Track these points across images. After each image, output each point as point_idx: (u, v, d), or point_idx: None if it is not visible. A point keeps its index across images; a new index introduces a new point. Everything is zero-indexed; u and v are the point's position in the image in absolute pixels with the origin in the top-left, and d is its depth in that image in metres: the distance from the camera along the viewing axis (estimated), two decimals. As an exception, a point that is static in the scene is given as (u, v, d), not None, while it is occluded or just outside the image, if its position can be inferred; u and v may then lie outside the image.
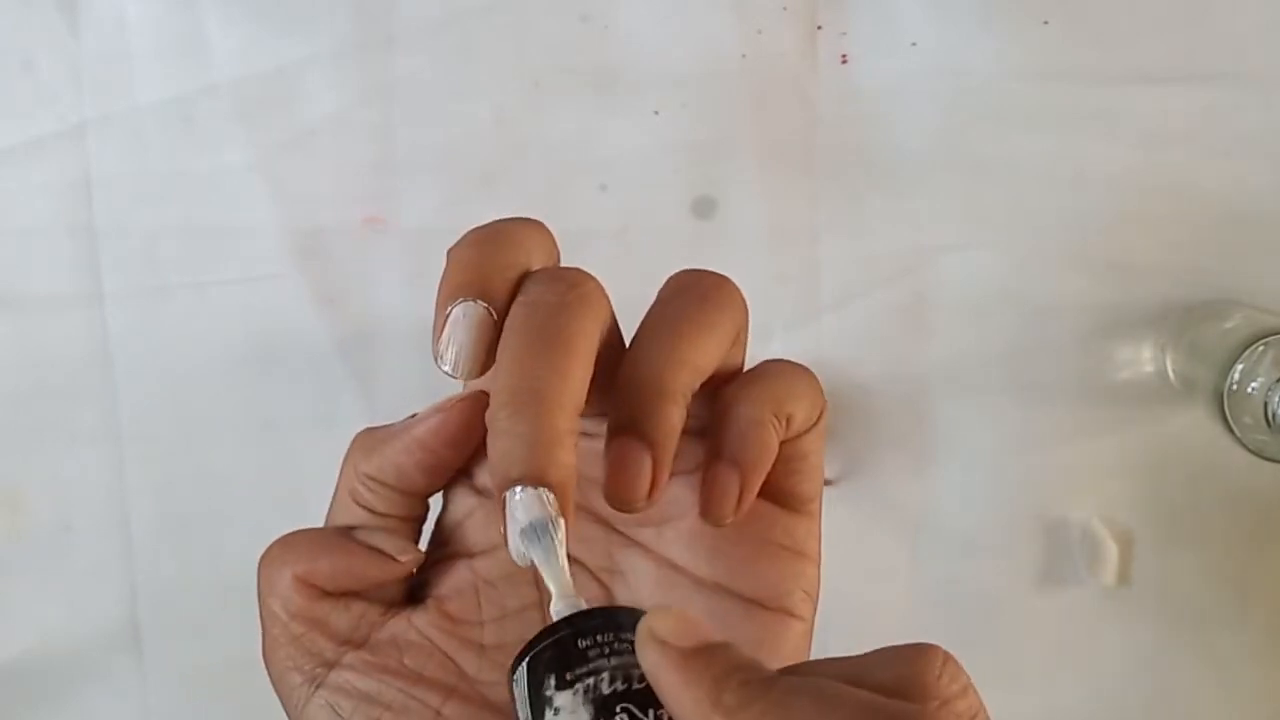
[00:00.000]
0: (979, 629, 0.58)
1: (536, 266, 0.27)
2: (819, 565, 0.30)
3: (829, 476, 0.57)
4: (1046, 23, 0.54)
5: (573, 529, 0.24)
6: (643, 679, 0.22)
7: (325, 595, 0.29)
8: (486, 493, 0.30)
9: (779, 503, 0.29)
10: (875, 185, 0.56)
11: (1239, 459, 0.49)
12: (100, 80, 0.57)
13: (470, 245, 0.27)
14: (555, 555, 0.24)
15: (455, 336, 0.25)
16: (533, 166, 0.57)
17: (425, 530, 0.32)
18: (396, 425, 0.30)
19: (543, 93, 0.56)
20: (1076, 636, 0.57)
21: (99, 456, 0.59)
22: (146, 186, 0.58)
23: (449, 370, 0.26)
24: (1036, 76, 0.55)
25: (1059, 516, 0.57)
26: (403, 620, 0.30)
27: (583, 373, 0.25)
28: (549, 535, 0.24)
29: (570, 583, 0.24)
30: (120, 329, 0.59)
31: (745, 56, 0.56)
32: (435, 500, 0.32)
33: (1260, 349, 0.47)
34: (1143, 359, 0.56)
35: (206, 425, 0.59)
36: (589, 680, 0.22)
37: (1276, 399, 0.46)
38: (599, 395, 0.26)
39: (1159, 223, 0.55)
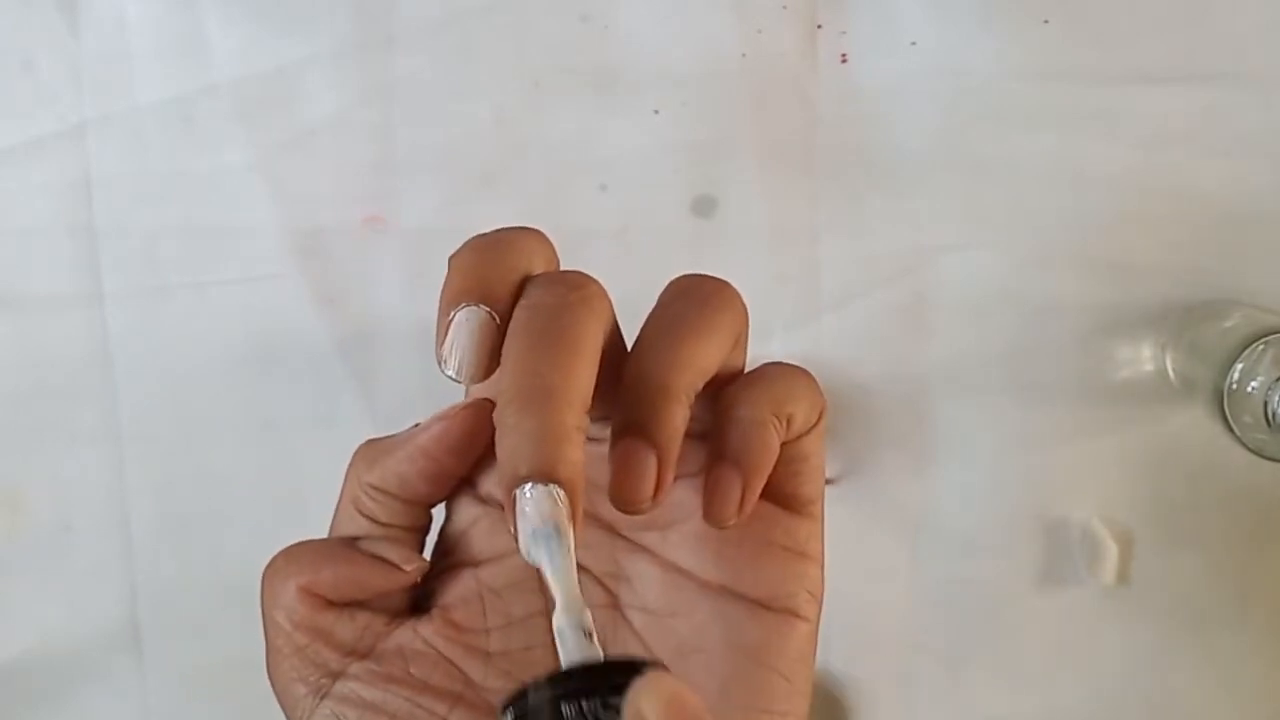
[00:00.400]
0: (979, 629, 0.58)
1: (538, 271, 0.27)
2: (822, 567, 0.30)
3: (829, 476, 0.57)
4: (1046, 22, 0.54)
5: (581, 529, 0.24)
6: None
7: (330, 606, 0.29)
8: (491, 501, 0.30)
9: (781, 504, 0.29)
10: (875, 185, 0.56)
11: (1239, 458, 0.49)
12: (100, 80, 0.57)
13: (472, 252, 0.27)
14: (562, 564, 0.24)
15: (458, 341, 0.26)
16: (533, 166, 0.57)
17: (429, 541, 0.33)
18: (400, 435, 0.30)
19: (543, 93, 0.56)
20: (1076, 636, 0.57)
21: (99, 456, 0.59)
22: (146, 186, 0.58)
23: (453, 375, 0.26)
24: (1036, 76, 0.55)
25: (1059, 516, 0.57)
26: (408, 630, 0.30)
27: (588, 370, 0.25)
28: (557, 543, 0.23)
29: (577, 594, 0.24)
30: (120, 329, 0.59)
31: (745, 56, 0.56)
32: (438, 511, 0.32)
33: (1260, 348, 0.47)
34: (1143, 359, 0.56)
35: (206, 425, 0.59)
36: None
37: (1276, 398, 0.46)
38: (602, 399, 0.26)
39: (1159, 223, 0.55)
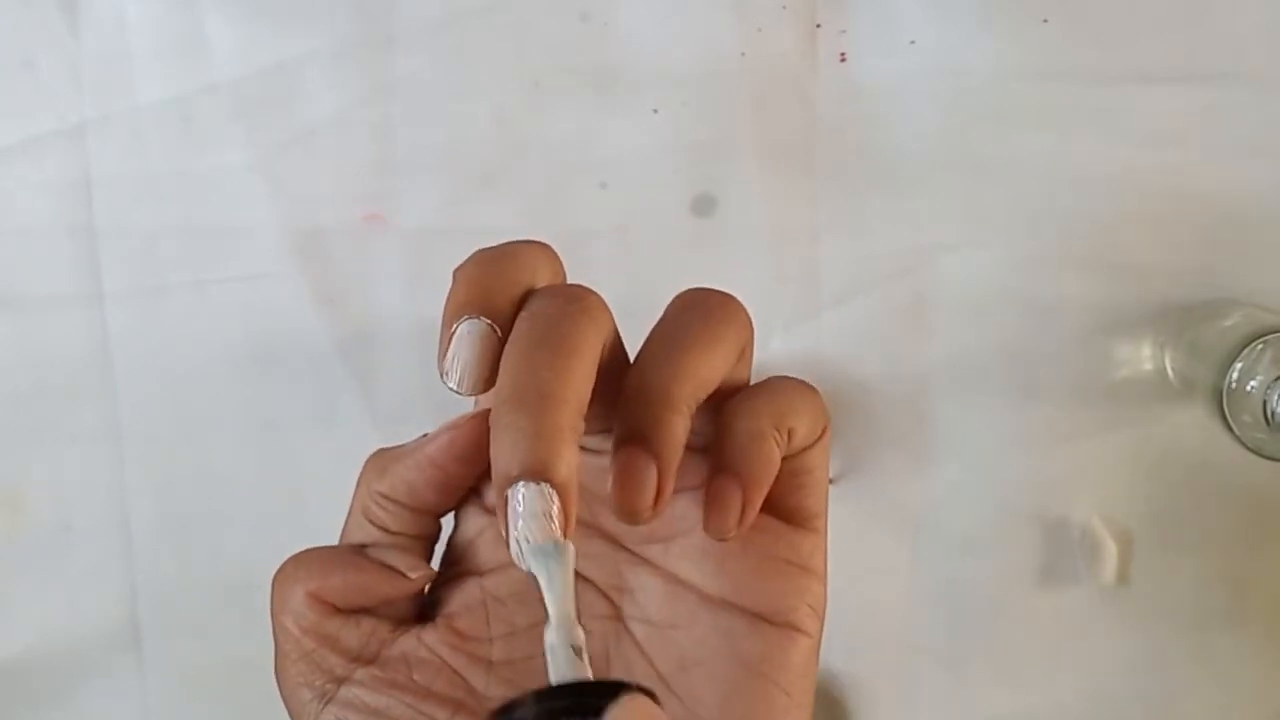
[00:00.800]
0: (979, 629, 0.58)
1: (541, 284, 0.27)
2: (825, 582, 0.30)
3: (829, 476, 0.57)
4: (1046, 22, 0.54)
5: (574, 535, 0.24)
6: None
7: (337, 612, 0.29)
8: (494, 514, 0.30)
9: (784, 518, 0.29)
10: (875, 185, 0.56)
11: (1238, 458, 0.49)
12: (100, 80, 0.57)
13: (476, 265, 0.27)
14: (559, 580, 0.24)
15: (460, 353, 0.26)
16: (533, 166, 0.57)
17: (438, 551, 0.33)
18: (409, 444, 0.30)
19: (543, 92, 0.56)
20: (1076, 636, 0.57)
21: (99, 456, 0.59)
22: (146, 186, 0.58)
23: (454, 387, 0.26)
24: (1036, 76, 0.55)
25: (1059, 516, 0.57)
26: (412, 637, 0.30)
27: (585, 374, 0.25)
28: (555, 560, 0.23)
29: (570, 611, 0.24)
30: (120, 329, 0.59)
31: (745, 56, 0.56)
32: (447, 521, 0.32)
33: (1259, 347, 0.47)
34: (1142, 358, 0.56)
35: (206, 425, 0.59)
36: None
37: (1275, 397, 0.46)
38: (603, 411, 0.27)
39: (1159, 223, 0.55)
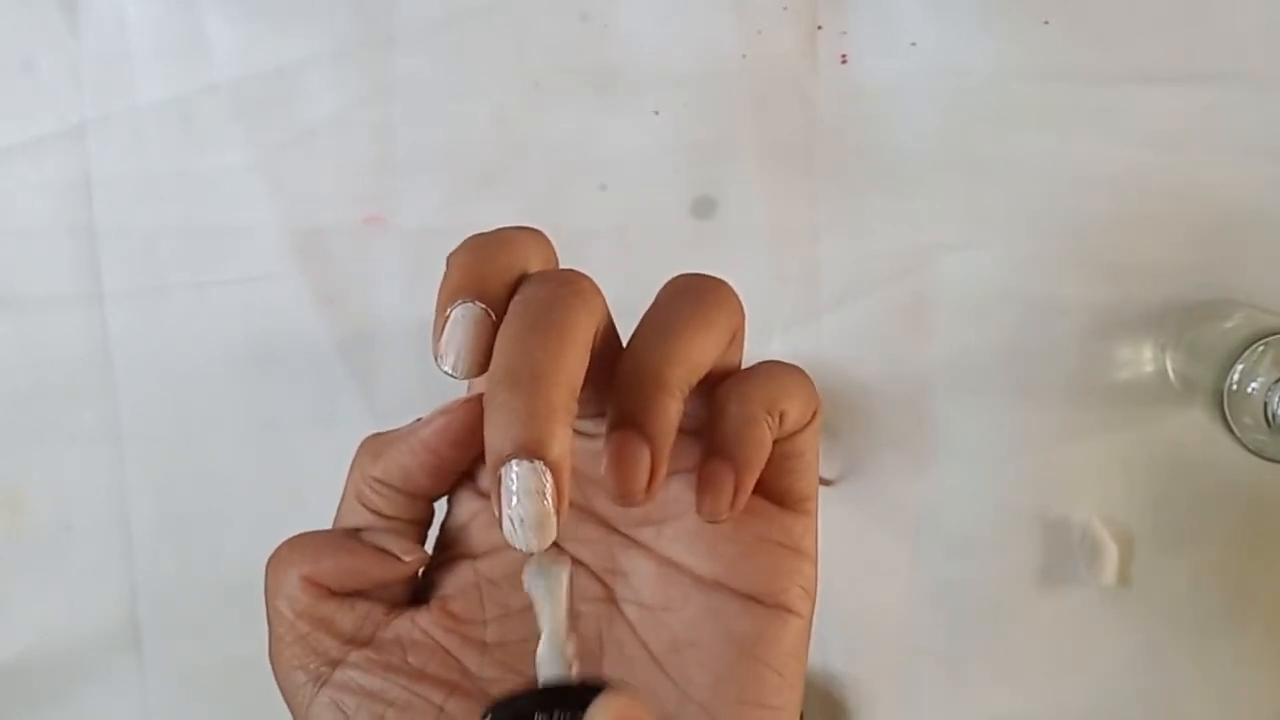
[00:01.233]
0: (979, 629, 0.58)
1: (534, 270, 0.28)
2: (816, 564, 0.30)
3: (829, 476, 0.57)
4: (1046, 23, 0.54)
5: (567, 518, 0.25)
6: None
7: (331, 595, 0.29)
8: (487, 498, 0.30)
9: (776, 501, 0.30)
10: (875, 185, 0.56)
11: (1239, 459, 0.49)
12: (100, 80, 0.57)
13: (469, 250, 0.27)
14: (553, 596, 0.24)
15: (454, 337, 0.26)
16: (533, 166, 0.57)
17: (431, 535, 0.33)
18: (403, 429, 0.30)
19: (543, 93, 0.56)
20: (1076, 636, 0.57)
21: (99, 456, 0.59)
22: (146, 186, 0.58)
23: (449, 370, 0.26)
24: (1036, 76, 0.55)
25: (1059, 516, 0.57)
26: (406, 620, 0.30)
27: (578, 356, 0.25)
28: (553, 576, 0.24)
29: (563, 623, 0.24)
30: (120, 329, 0.59)
31: (745, 56, 0.56)
32: (441, 506, 0.33)
33: (1260, 349, 0.47)
34: (1143, 359, 0.56)
35: (206, 425, 0.59)
36: None
37: (1276, 399, 0.46)
38: (596, 395, 0.27)
39: (1159, 223, 0.55)
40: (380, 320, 0.58)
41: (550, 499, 0.24)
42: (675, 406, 0.26)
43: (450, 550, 0.31)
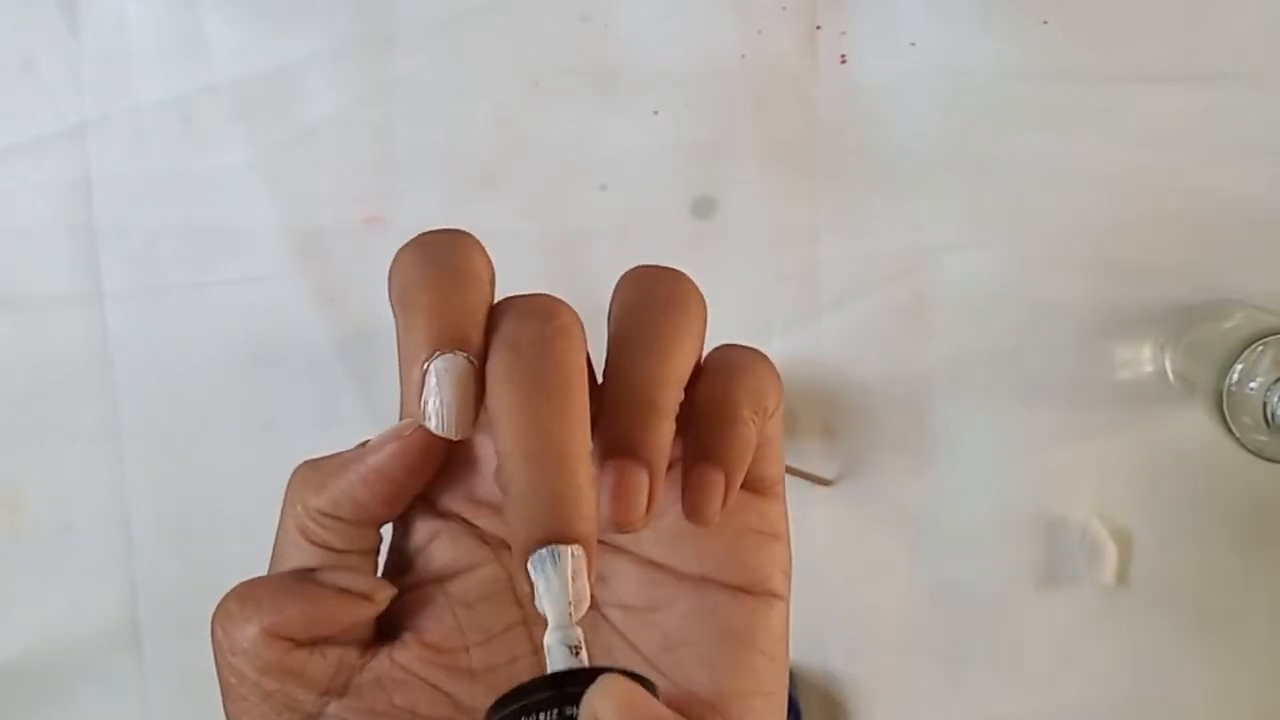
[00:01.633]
0: (979, 629, 0.58)
1: (488, 289, 0.26)
2: (789, 544, 0.30)
3: (829, 476, 0.57)
4: (1046, 23, 0.54)
5: (595, 572, 0.24)
6: None
7: (297, 646, 0.27)
8: (450, 515, 0.29)
9: (750, 489, 0.29)
10: (875, 185, 0.56)
11: (1238, 459, 0.49)
12: (100, 80, 0.57)
13: (430, 288, 0.25)
14: (556, 585, 0.23)
15: (441, 394, 0.24)
16: (533, 166, 0.57)
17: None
18: (347, 454, 0.28)
19: (543, 93, 0.56)
20: (1076, 636, 0.57)
21: (99, 456, 0.59)
22: (146, 186, 0.58)
23: (437, 430, 0.25)
24: (1036, 76, 0.55)
25: (1059, 516, 0.57)
26: (384, 659, 0.28)
27: (585, 413, 0.24)
28: (552, 565, 0.23)
29: (567, 615, 0.23)
30: (120, 329, 0.59)
31: (745, 56, 0.56)
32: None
33: (1260, 349, 0.47)
34: (1143, 359, 0.56)
35: (206, 425, 0.59)
36: None
37: (1275, 399, 0.46)
38: None
39: (1159, 223, 0.55)
40: (380, 320, 0.58)
41: (582, 574, 0.23)
42: (669, 427, 0.26)
43: (410, 576, 0.29)
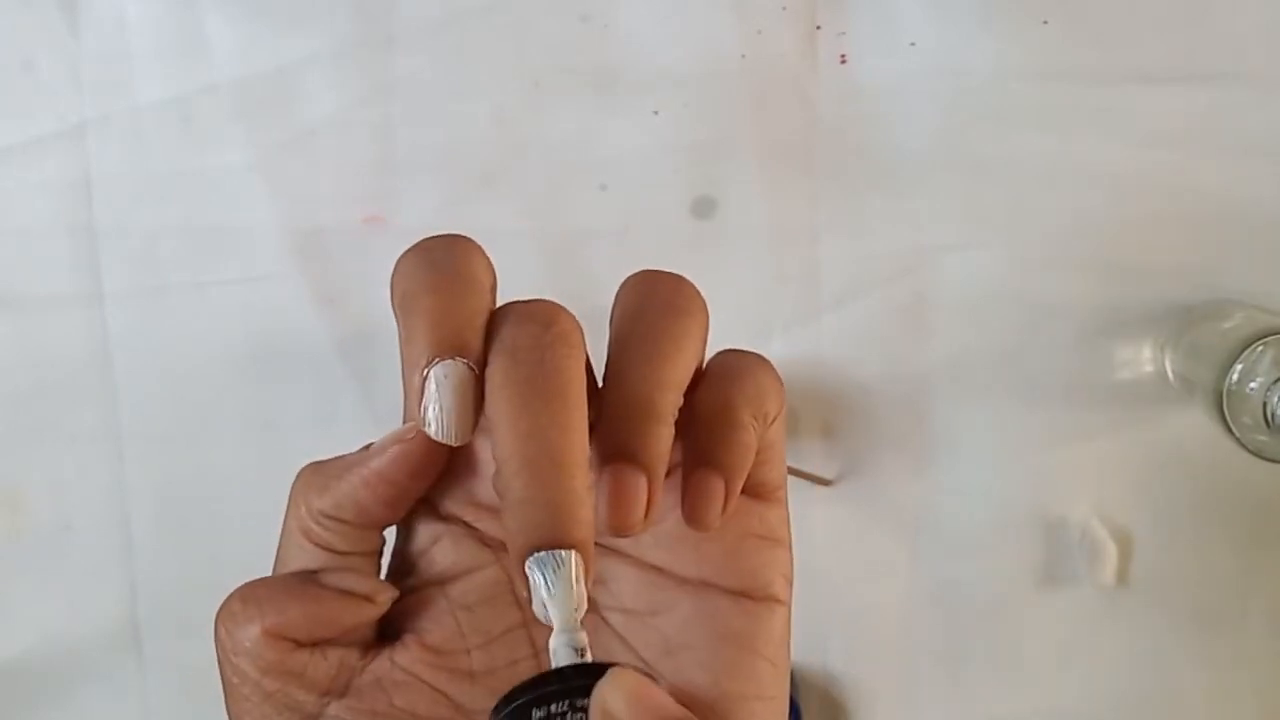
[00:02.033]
0: (979, 629, 0.58)
1: (490, 297, 0.26)
2: (791, 549, 0.30)
3: (829, 476, 0.57)
4: (1046, 23, 0.54)
5: (593, 577, 0.24)
6: None
7: (299, 646, 0.28)
8: (452, 518, 0.29)
9: (752, 494, 0.29)
10: (875, 185, 0.56)
11: (1238, 459, 0.49)
12: (100, 80, 0.57)
13: (431, 293, 0.26)
14: (560, 590, 0.23)
15: (442, 401, 0.25)
16: (533, 166, 0.57)
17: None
18: (350, 457, 0.28)
19: (543, 93, 0.56)
20: (1076, 636, 0.57)
21: (99, 456, 0.59)
22: (146, 186, 0.58)
23: (436, 436, 0.25)
24: (1036, 76, 0.55)
25: (1059, 516, 0.57)
26: (384, 660, 0.28)
27: (583, 419, 0.25)
28: (555, 570, 0.23)
29: (572, 618, 0.24)
30: (120, 329, 0.59)
31: (745, 56, 0.56)
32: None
33: (1260, 349, 0.47)
34: (1143, 359, 0.56)
35: (206, 425, 0.59)
36: None
37: (1275, 399, 0.46)
38: None
39: (1159, 223, 0.55)
40: (380, 320, 0.58)
41: (580, 580, 0.24)
42: (668, 433, 0.26)
43: (412, 578, 0.30)
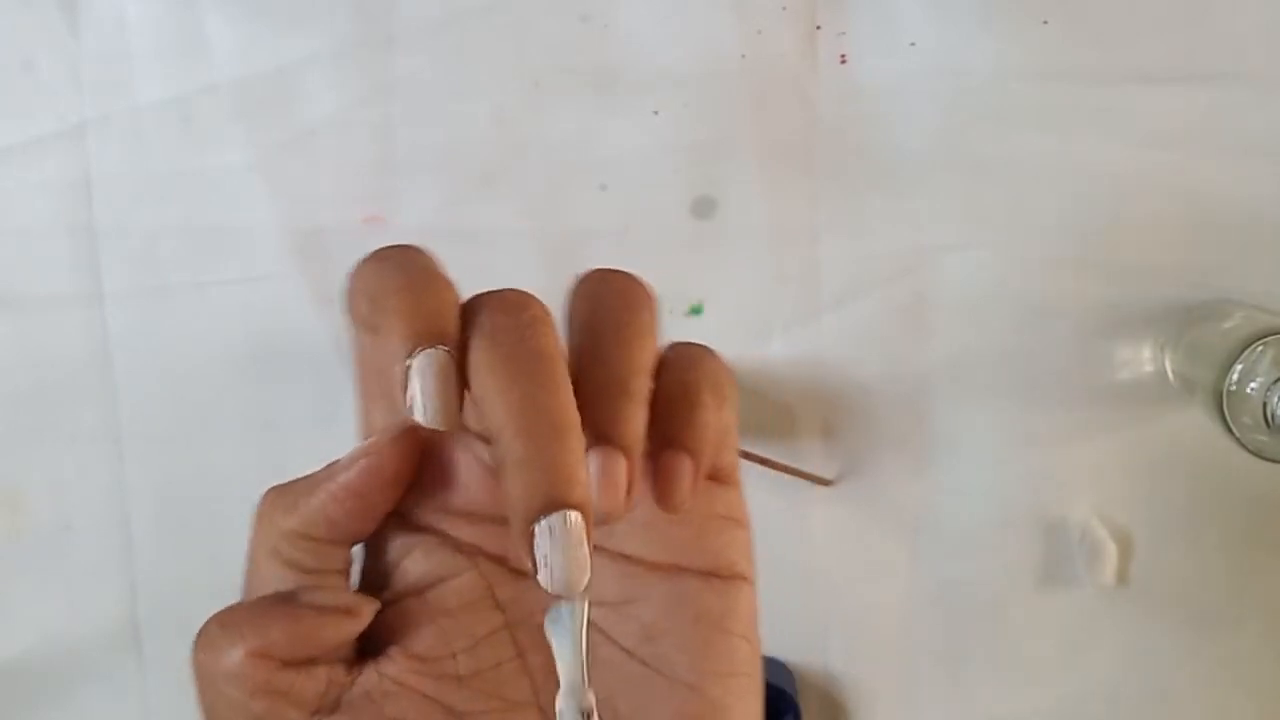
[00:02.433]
0: (979, 629, 0.58)
1: (456, 291, 0.27)
2: (749, 529, 0.30)
3: (829, 476, 0.57)
4: (1046, 23, 0.54)
5: (593, 543, 0.24)
6: None
7: (285, 666, 0.28)
8: (424, 528, 0.30)
9: (710, 477, 0.30)
10: (875, 185, 0.56)
11: (1238, 459, 0.49)
12: (100, 80, 0.57)
13: (402, 291, 0.26)
14: (570, 644, 0.24)
15: (425, 387, 0.25)
16: (533, 166, 0.57)
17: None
18: (316, 475, 0.28)
19: (543, 93, 0.56)
20: (1076, 636, 0.57)
21: (99, 456, 0.59)
22: (146, 186, 0.58)
23: (425, 421, 0.25)
24: (1036, 76, 0.55)
25: (1059, 516, 0.57)
26: (371, 673, 0.29)
27: (570, 389, 0.25)
28: (566, 623, 0.24)
29: (581, 676, 0.24)
30: (120, 329, 0.59)
31: (745, 56, 0.56)
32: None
33: (1260, 349, 0.47)
34: (1143, 359, 0.56)
35: (206, 425, 0.59)
36: None
37: (1275, 399, 0.46)
38: None
39: (1159, 223, 0.55)
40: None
41: (586, 543, 0.24)
42: (644, 413, 0.26)
43: (388, 590, 0.30)
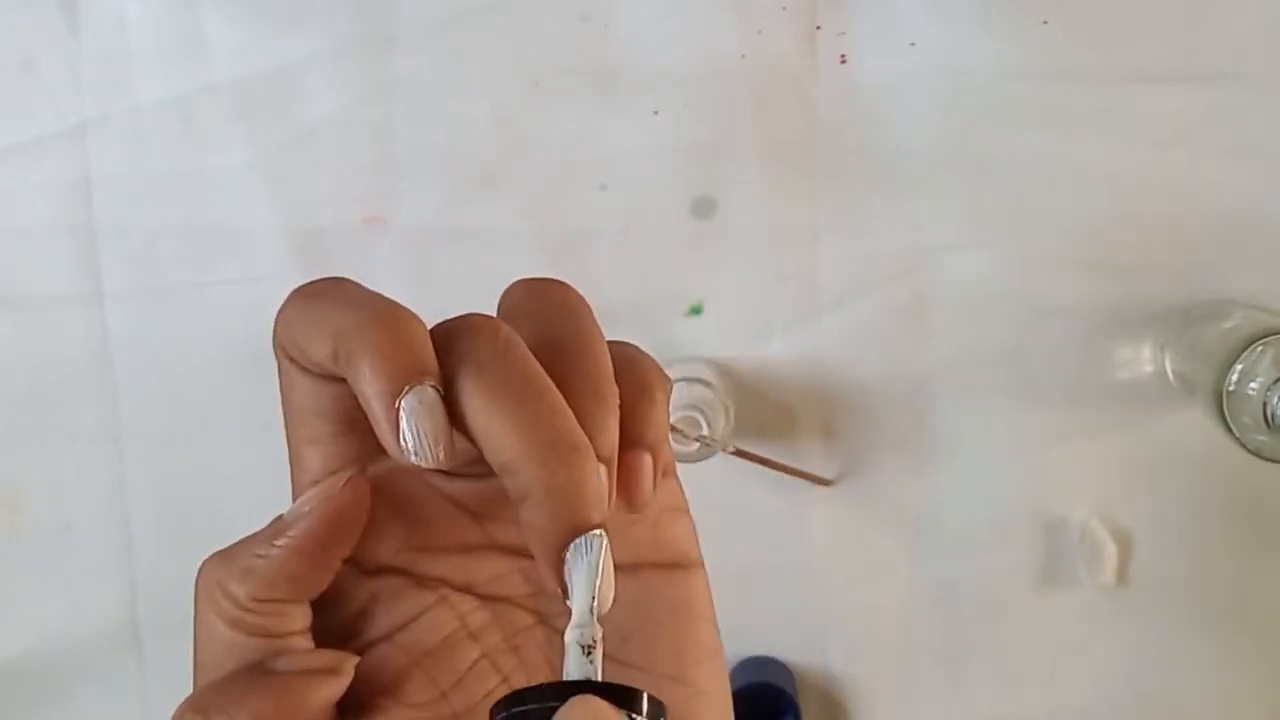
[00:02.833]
0: (979, 629, 0.58)
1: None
2: (690, 513, 0.31)
3: (829, 476, 0.57)
4: (1046, 23, 0.54)
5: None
6: None
7: None
8: (385, 570, 0.29)
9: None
10: (875, 185, 0.56)
11: (1238, 459, 0.49)
12: (100, 80, 0.57)
13: (373, 327, 0.26)
14: (583, 580, 0.24)
15: (420, 427, 0.25)
16: (533, 166, 0.57)
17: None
18: (261, 534, 0.28)
19: (543, 93, 0.56)
20: (1076, 636, 0.57)
21: (99, 456, 0.59)
22: (146, 186, 0.58)
23: (426, 462, 0.25)
24: (1036, 76, 0.55)
25: (1059, 516, 0.57)
26: None
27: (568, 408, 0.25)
28: (585, 561, 0.24)
29: (587, 612, 0.24)
30: (120, 329, 0.59)
31: (745, 56, 0.56)
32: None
33: (1260, 349, 0.47)
34: (1143, 359, 0.56)
35: (206, 425, 0.59)
36: None
37: (1275, 399, 0.46)
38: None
39: (1159, 223, 0.55)
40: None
41: (611, 561, 0.25)
42: (617, 420, 0.26)
43: (357, 640, 0.29)
